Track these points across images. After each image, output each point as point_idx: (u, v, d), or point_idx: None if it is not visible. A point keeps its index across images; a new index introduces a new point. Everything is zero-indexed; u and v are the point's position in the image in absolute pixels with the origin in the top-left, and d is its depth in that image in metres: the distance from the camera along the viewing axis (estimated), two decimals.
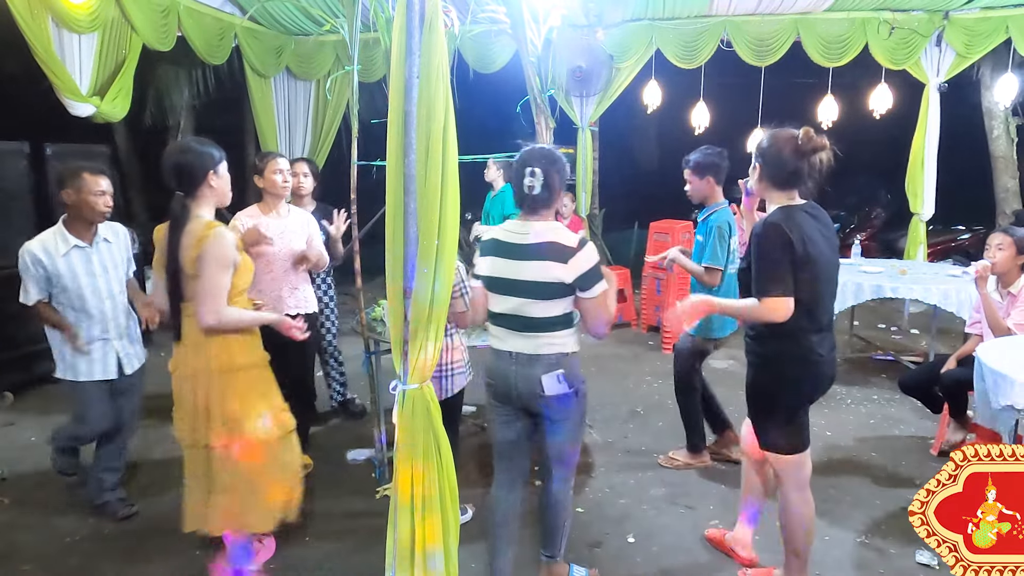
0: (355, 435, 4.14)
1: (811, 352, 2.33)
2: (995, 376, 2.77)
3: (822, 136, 2.31)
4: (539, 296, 2.28)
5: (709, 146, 3.50)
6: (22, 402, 4.79)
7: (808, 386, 2.39)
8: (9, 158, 4.93)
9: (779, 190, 2.38)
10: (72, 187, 2.91)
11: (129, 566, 2.85)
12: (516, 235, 2.33)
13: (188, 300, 2.44)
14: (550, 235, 2.27)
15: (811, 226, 2.31)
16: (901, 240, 7.03)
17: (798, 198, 2.38)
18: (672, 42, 6.24)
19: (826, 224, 2.40)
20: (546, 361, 2.31)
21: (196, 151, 2.44)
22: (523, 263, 2.29)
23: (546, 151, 2.37)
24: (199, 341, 2.44)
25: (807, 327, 2.31)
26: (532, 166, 2.28)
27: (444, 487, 1.95)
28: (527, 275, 2.28)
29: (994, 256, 3.53)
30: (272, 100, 6.48)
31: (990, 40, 5.78)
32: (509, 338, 2.36)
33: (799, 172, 2.32)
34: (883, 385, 5.01)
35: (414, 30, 1.70)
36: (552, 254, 2.25)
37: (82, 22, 4.07)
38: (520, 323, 2.33)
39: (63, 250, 2.94)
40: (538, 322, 2.30)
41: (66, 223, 2.98)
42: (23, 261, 2.92)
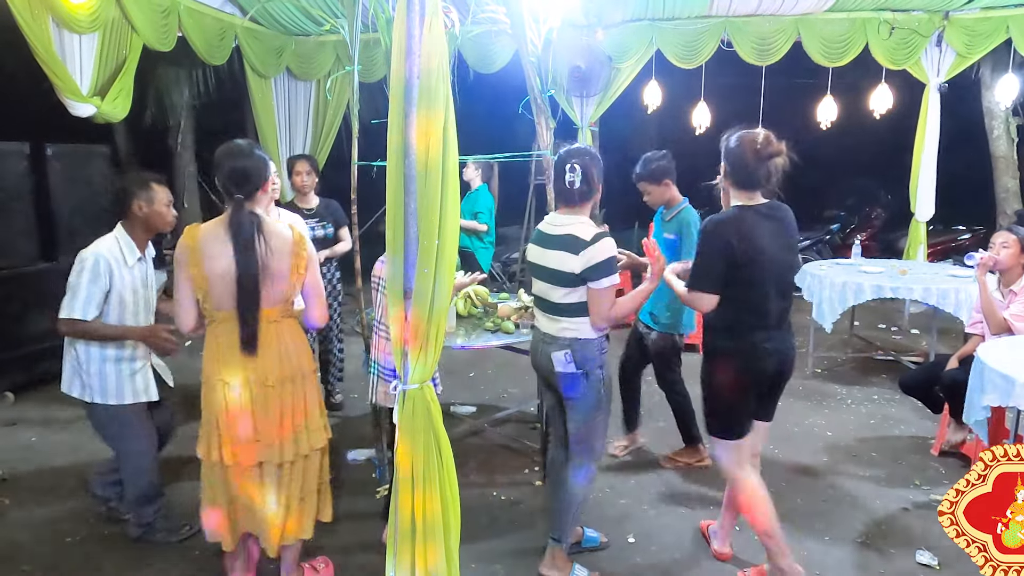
0: (355, 435, 4.14)
1: (754, 348, 2.46)
2: (995, 376, 2.77)
3: (781, 142, 2.44)
4: (557, 283, 2.52)
5: (652, 152, 3.60)
6: (23, 402, 4.79)
7: (748, 379, 2.50)
8: (9, 158, 4.93)
9: (738, 190, 2.50)
10: (143, 199, 2.76)
11: (129, 566, 2.85)
12: (551, 226, 2.59)
13: (273, 306, 2.30)
14: (571, 228, 2.49)
15: (761, 227, 2.42)
16: (901, 240, 7.03)
17: (759, 198, 2.49)
18: (672, 42, 6.24)
19: (783, 225, 2.50)
20: (561, 343, 2.55)
21: (259, 154, 2.35)
22: (548, 251, 2.54)
23: (584, 148, 2.59)
24: (288, 346, 2.33)
25: (752, 323, 2.45)
26: (571, 162, 2.50)
27: (445, 487, 1.95)
28: (550, 263, 2.53)
29: (998, 254, 3.53)
30: (272, 100, 6.49)
31: (990, 40, 5.78)
32: (540, 317, 2.66)
33: (755, 174, 2.43)
34: (883, 385, 5.01)
35: (414, 30, 1.70)
36: (568, 245, 2.46)
37: (82, 22, 4.07)
38: (545, 305, 2.61)
39: (131, 261, 2.76)
40: (557, 307, 2.54)
41: (129, 233, 2.79)
42: (93, 268, 2.64)
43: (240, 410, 2.29)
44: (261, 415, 2.30)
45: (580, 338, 2.53)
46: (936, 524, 3.10)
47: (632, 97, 6.73)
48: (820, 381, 5.16)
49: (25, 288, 4.90)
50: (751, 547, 2.97)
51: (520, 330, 3.41)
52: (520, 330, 3.41)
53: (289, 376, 2.34)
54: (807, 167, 2.75)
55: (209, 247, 2.22)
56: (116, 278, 2.69)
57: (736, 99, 6.82)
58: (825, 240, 8.61)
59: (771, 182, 2.46)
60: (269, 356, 2.29)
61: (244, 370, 2.27)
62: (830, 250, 8.59)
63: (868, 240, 8.51)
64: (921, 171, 6.23)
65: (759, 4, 5.86)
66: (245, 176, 2.26)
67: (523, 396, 4.77)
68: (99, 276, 2.64)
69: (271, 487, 2.36)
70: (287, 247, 2.30)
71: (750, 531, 3.08)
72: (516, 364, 5.08)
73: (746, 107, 6.61)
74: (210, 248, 2.22)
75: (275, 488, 2.37)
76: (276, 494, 2.37)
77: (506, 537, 3.07)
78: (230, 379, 2.28)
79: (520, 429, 4.27)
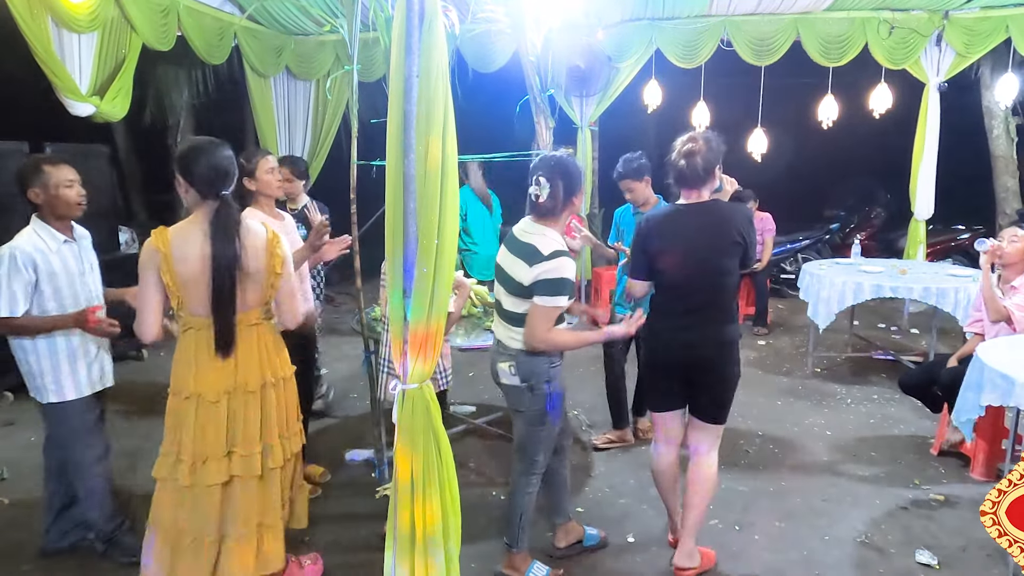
0: (354, 435, 4.14)
1: (658, 336, 2.66)
2: (995, 376, 2.77)
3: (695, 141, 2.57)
4: (508, 290, 2.50)
5: (629, 153, 3.66)
6: (22, 402, 4.78)
7: (659, 357, 2.70)
8: (9, 158, 4.92)
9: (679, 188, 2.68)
10: (37, 185, 2.59)
11: (129, 567, 2.84)
12: (521, 232, 2.52)
13: (249, 308, 2.22)
14: (535, 238, 2.44)
15: (680, 224, 2.59)
16: (901, 240, 7.03)
17: (698, 196, 2.59)
18: (672, 42, 6.24)
19: (718, 223, 2.56)
20: (508, 353, 2.52)
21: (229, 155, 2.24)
22: (509, 258, 2.50)
23: (556, 160, 2.46)
24: (269, 350, 2.28)
25: (673, 309, 2.62)
26: (538, 174, 2.42)
27: (444, 487, 1.95)
28: (508, 268, 2.49)
29: (1006, 247, 3.55)
30: (272, 100, 6.48)
31: (990, 40, 5.78)
32: (496, 323, 2.63)
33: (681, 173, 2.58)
34: (883, 385, 5.01)
35: (413, 29, 1.69)
36: (526, 255, 2.42)
37: (82, 22, 4.06)
38: (500, 311, 2.58)
39: (54, 246, 2.61)
40: (508, 314, 2.52)
41: (44, 220, 2.65)
42: (10, 264, 2.51)
43: (213, 422, 2.17)
44: (239, 425, 2.20)
45: (525, 351, 2.48)
46: (935, 523, 3.12)
47: (632, 97, 6.73)
48: (820, 381, 5.16)
49: None
50: (753, 547, 2.97)
51: None
52: None
53: (271, 381, 2.28)
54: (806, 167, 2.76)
55: (181, 250, 2.12)
56: (42, 266, 2.56)
57: (735, 99, 6.83)
58: (825, 240, 8.61)
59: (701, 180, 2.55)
60: (250, 361, 2.22)
61: (222, 378, 2.17)
62: (830, 250, 8.58)
63: (868, 239, 8.50)
64: (921, 170, 6.23)
65: (759, 3, 5.86)
66: (225, 172, 2.19)
67: None
68: (19, 270, 2.51)
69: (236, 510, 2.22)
70: (262, 245, 2.24)
71: (749, 530, 3.08)
72: None
73: (745, 107, 6.62)
74: (182, 251, 2.12)
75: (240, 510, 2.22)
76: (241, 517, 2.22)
77: None
78: (203, 389, 2.17)
79: None
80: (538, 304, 2.37)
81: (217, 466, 2.19)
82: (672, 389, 2.71)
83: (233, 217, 2.17)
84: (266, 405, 2.27)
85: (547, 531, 2.97)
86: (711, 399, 2.67)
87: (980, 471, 3.56)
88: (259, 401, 2.24)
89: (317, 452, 3.86)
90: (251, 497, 2.25)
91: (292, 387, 2.40)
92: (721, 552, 2.91)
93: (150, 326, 2.16)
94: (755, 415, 4.43)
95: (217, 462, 2.18)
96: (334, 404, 4.63)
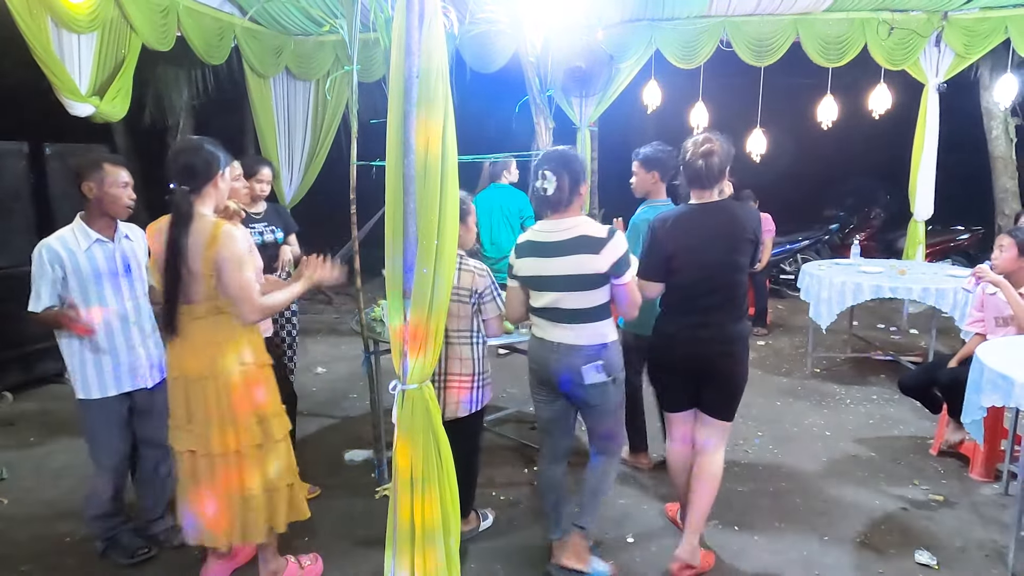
0: (353, 435, 4.14)
1: (678, 329, 2.66)
2: (995, 376, 2.77)
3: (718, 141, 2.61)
4: (575, 288, 2.44)
5: (662, 144, 3.50)
6: (22, 402, 4.79)
7: (676, 357, 2.70)
8: (8, 158, 4.93)
9: (690, 188, 2.71)
10: (93, 180, 2.66)
11: (129, 567, 2.84)
12: (547, 233, 2.49)
13: (194, 302, 2.33)
14: (580, 229, 2.44)
15: (695, 223, 2.61)
16: (900, 240, 7.03)
17: (709, 196, 2.64)
18: (671, 42, 6.23)
19: (730, 223, 2.61)
20: (586, 352, 2.46)
21: (209, 149, 2.37)
22: (556, 259, 2.45)
23: (558, 153, 2.52)
24: (208, 345, 2.34)
25: (689, 308, 2.63)
26: (543, 168, 2.45)
27: (444, 488, 1.95)
28: (563, 269, 2.44)
29: (996, 257, 3.53)
30: (271, 100, 6.47)
31: (989, 40, 5.78)
32: (551, 328, 2.52)
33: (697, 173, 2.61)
34: (883, 385, 5.02)
35: (413, 30, 1.70)
36: (585, 247, 2.41)
37: (81, 22, 4.06)
38: (558, 315, 2.49)
39: (84, 245, 2.68)
40: (577, 313, 2.46)
41: (86, 219, 2.72)
42: (38, 260, 2.62)
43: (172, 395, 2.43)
44: (184, 403, 2.38)
45: (607, 343, 2.50)
46: (935, 523, 3.13)
47: (631, 97, 6.73)
48: (819, 381, 5.16)
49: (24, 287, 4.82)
50: (753, 547, 2.97)
51: (520, 330, 3.41)
52: (520, 330, 3.41)
53: (210, 374, 2.33)
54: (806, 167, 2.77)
55: (156, 240, 2.37)
56: (68, 264, 2.64)
57: (735, 99, 6.82)
58: (824, 240, 8.62)
59: (716, 180, 2.61)
60: (185, 349, 2.36)
61: (175, 361, 2.40)
62: (829, 250, 8.59)
63: (867, 240, 8.50)
64: (920, 171, 6.23)
65: (758, 3, 5.86)
66: (190, 170, 2.33)
67: (523, 396, 4.77)
68: (44, 267, 2.62)
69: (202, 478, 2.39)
70: (201, 243, 2.29)
71: (749, 530, 3.09)
72: (516, 364, 5.08)
73: (745, 107, 6.62)
74: (157, 242, 2.37)
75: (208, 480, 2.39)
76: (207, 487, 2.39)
77: (506, 537, 3.06)
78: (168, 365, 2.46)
79: (520, 429, 4.27)
80: (623, 284, 2.45)
81: (179, 435, 2.42)
82: (687, 388, 2.75)
83: (181, 211, 2.30)
84: (207, 396, 2.34)
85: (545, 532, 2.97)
86: (723, 396, 2.71)
87: (979, 471, 3.56)
88: (201, 389, 2.35)
89: (317, 453, 3.87)
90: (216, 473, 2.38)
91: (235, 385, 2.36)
92: (721, 552, 2.92)
93: None
94: (755, 415, 4.43)
95: (179, 431, 2.42)
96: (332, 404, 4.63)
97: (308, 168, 6.59)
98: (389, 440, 3.13)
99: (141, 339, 2.81)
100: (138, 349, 2.80)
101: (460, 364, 2.75)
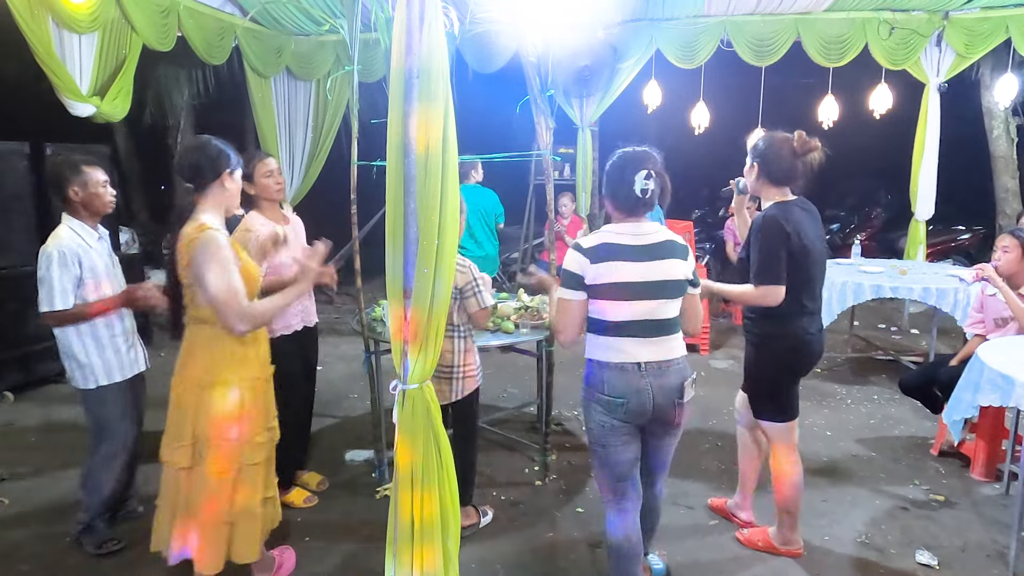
0: (354, 435, 4.14)
1: (804, 332, 2.63)
2: (995, 376, 2.77)
3: (814, 138, 2.60)
4: (669, 295, 2.24)
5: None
6: (22, 402, 4.79)
7: (798, 363, 2.70)
8: (9, 158, 4.93)
9: (775, 187, 2.66)
10: (77, 183, 2.77)
11: (129, 567, 2.85)
12: (635, 236, 2.23)
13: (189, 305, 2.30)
14: (664, 233, 2.28)
15: (804, 219, 2.60)
16: (901, 240, 7.02)
17: (790, 194, 2.66)
18: (672, 42, 6.23)
19: (816, 218, 2.68)
20: (676, 366, 2.26)
21: (215, 146, 2.34)
22: (653, 263, 2.21)
23: (649, 152, 2.28)
24: (193, 353, 2.30)
25: (799, 310, 2.60)
26: (646, 167, 2.21)
27: (444, 488, 1.95)
28: (659, 275, 2.21)
29: (999, 259, 3.51)
30: (272, 100, 6.47)
31: (990, 40, 5.78)
32: (637, 348, 2.22)
33: (794, 171, 2.61)
34: (883, 385, 5.01)
35: (414, 29, 1.69)
36: (676, 252, 2.25)
37: (82, 22, 4.06)
38: (651, 327, 2.22)
39: (91, 241, 2.81)
40: (668, 324, 2.25)
41: (76, 218, 2.81)
42: (60, 259, 2.66)
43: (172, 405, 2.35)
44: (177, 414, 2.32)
45: (686, 354, 2.33)
46: (935, 523, 3.13)
47: (632, 97, 6.73)
48: (820, 381, 5.16)
49: (24, 288, 4.85)
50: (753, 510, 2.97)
51: (520, 330, 3.41)
52: (520, 330, 3.41)
53: (195, 383, 2.27)
54: None
55: None
56: (84, 261, 2.74)
57: (735, 99, 6.83)
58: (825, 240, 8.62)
59: (805, 178, 2.63)
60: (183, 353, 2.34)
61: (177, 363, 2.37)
62: (830, 250, 8.59)
63: (868, 240, 8.51)
64: (921, 171, 6.22)
65: (757, 3, 5.86)
66: (194, 167, 2.31)
67: (523, 396, 4.77)
68: (67, 265, 2.69)
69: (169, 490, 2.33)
70: (180, 246, 2.24)
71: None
72: (516, 364, 5.08)
73: (745, 107, 6.62)
74: None
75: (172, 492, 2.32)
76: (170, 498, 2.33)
77: (506, 537, 3.07)
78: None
79: (520, 429, 4.27)
80: (698, 292, 2.36)
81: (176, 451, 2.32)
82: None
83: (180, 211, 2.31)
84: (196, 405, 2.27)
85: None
86: None
87: (980, 471, 3.56)
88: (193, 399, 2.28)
89: (317, 453, 3.87)
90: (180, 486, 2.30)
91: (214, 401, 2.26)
92: (721, 552, 2.92)
93: None
94: None
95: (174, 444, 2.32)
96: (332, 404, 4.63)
97: (309, 168, 6.59)
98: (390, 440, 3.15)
99: (133, 327, 3.00)
100: (132, 335, 2.98)
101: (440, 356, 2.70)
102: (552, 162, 3.51)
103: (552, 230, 4.10)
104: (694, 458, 3.82)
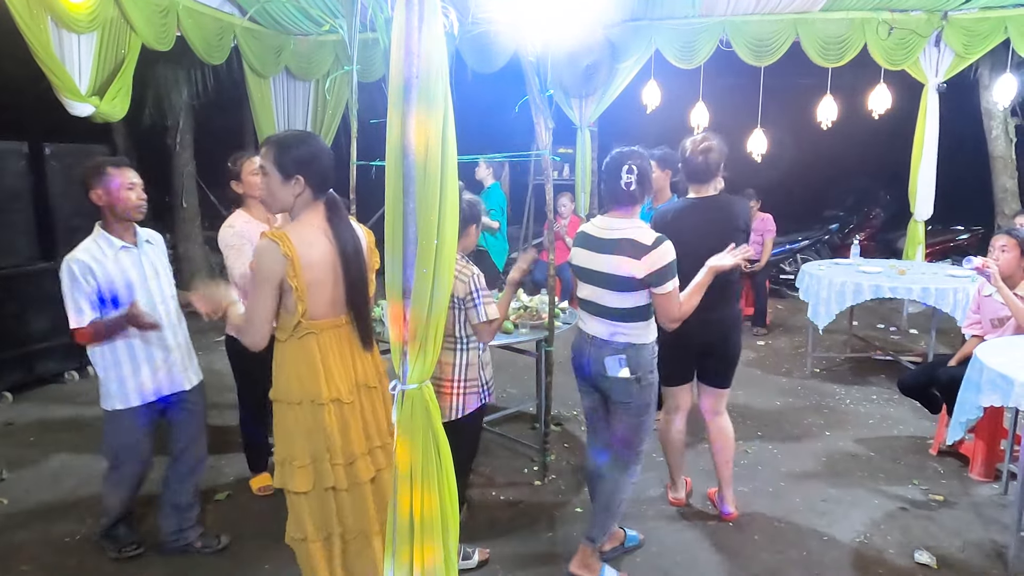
0: None
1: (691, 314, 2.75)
2: (995, 376, 2.77)
3: (715, 139, 2.91)
4: (612, 287, 2.50)
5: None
6: (22, 402, 4.79)
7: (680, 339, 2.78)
8: (8, 158, 4.93)
9: (689, 183, 2.99)
10: (100, 186, 2.61)
11: (128, 568, 2.85)
12: (600, 230, 2.56)
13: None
14: (629, 232, 2.48)
15: (696, 216, 2.91)
16: (900, 240, 7.03)
17: (706, 191, 2.94)
18: (671, 42, 6.24)
19: (725, 215, 2.90)
20: (614, 347, 2.54)
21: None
22: (601, 256, 2.52)
23: (637, 152, 2.56)
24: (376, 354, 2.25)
25: None
26: (629, 163, 2.48)
27: (444, 487, 1.95)
28: (603, 267, 2.51)
29: (998, 259, 3.50)
30: (271, 100, 6.48)
31: (989, 40, 5.78)
32: (589, 321, 2.62)
33: (696, 170, 2.92)
34: (882, 385, 5.02)
35: (413, 30, 1.69)
36: (628, 250, 2.45)
37: (81, 22, 4.06)
38: (596, 309, 2.58)
39: (111, 253, 2.62)
40: (611, 311, 2.53)
41: (105, 227, 2.66)
42: (70, 274, 2.54)
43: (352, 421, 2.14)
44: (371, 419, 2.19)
45: (635, 343, 2.54)
46: (934, 523, 3.13)
47: (631, 97, 6.73)
48: (819, 381, 5.16)
49: (24, 288, 4.90)
50: (752, 547, 2.97)
51: (519, 330, 3.41)
52: (519, 330, 3.41)
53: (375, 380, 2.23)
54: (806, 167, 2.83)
55: (307, 254, 2.04)
56: (99, 274, 2.58)
57: (735, 99, 6.83)
58: (824, 240, 8.62)
59: (713, 175, 2.90)
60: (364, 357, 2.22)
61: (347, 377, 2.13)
62: (829, 250, 8.60)
63: (867, 240, 8.51)
64: (920, 171, 6.23)
65: (756, 3, 5.86)
66: (332, 168, 2.15)
67: (523, 396, 4.77)
68: (77, 280, 2.54)
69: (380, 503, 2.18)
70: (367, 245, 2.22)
71: (748, 530, 3.08)
72: (516, 364, 5.08)
73: (745, 107, 6.62)
74: (308, 254, 2.04)
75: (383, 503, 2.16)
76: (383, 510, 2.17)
77: (506, 537, 3.06)
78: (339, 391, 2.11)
79: (520, 429, 4.27)
80: (662, 293, 2.45)
81: (364, 463, 2.17)
82: (686, 365, 3.08)
83: (345, 214, 2.15)
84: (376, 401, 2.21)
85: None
86: (722, 368, 3.06)
87: (979, 471, 3.56)
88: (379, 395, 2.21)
89: None
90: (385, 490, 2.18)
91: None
92: (721, 552, 2.92)
93: (265, 336, 2.08)
94: (754, 415, 4.43)
95: (363, 459, 2.17)
96: None
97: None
98: None
99: (175, 343, 2.77)
100: (174, 353, 2.76)
101: (440, 368, 2.61)
102: (551, 162, 3.51)
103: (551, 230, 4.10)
104: None
